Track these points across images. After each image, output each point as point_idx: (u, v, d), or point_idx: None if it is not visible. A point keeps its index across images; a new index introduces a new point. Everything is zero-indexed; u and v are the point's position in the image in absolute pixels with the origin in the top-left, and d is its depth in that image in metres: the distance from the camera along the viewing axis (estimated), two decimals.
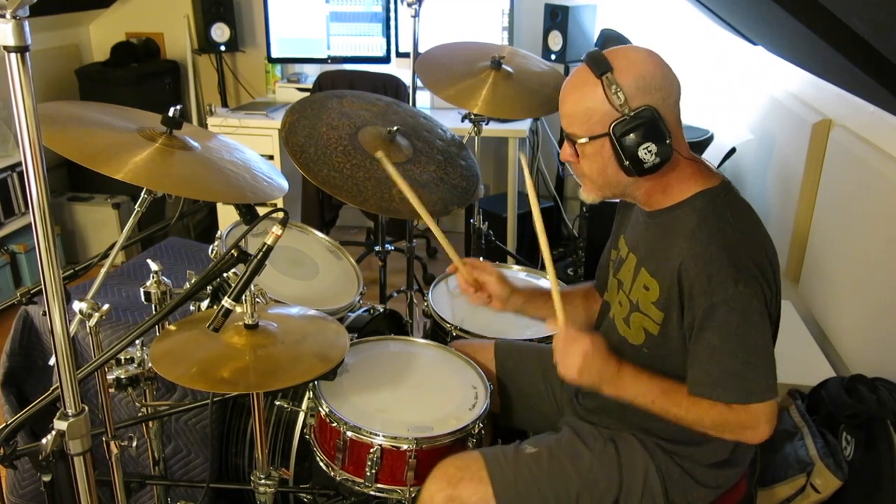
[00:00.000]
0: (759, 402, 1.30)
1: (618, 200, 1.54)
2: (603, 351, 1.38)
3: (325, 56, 3.81)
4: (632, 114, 1.28)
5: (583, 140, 1.34)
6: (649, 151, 1.29)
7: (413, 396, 1.66)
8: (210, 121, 3.62)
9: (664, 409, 1.36)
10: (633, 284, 1.45)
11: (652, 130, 1.28)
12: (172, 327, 1.49)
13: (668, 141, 1.29)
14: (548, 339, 1.93)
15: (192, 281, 1.62)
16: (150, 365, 1.57)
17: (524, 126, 3.53)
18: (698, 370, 1.33)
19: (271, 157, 3.58)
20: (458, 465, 1.46)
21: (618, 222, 1.60)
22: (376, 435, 1.50)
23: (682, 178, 1.38)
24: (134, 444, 1.50)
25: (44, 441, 1.08)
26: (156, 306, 1.60)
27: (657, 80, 1.30)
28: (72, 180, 3.99)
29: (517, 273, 2.30)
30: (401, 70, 3.67)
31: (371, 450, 1.50)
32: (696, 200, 1.36)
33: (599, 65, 1.30)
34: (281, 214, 1.27)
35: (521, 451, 1.49)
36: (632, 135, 1.28)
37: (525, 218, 3.69)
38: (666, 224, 1.39)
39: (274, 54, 3.82)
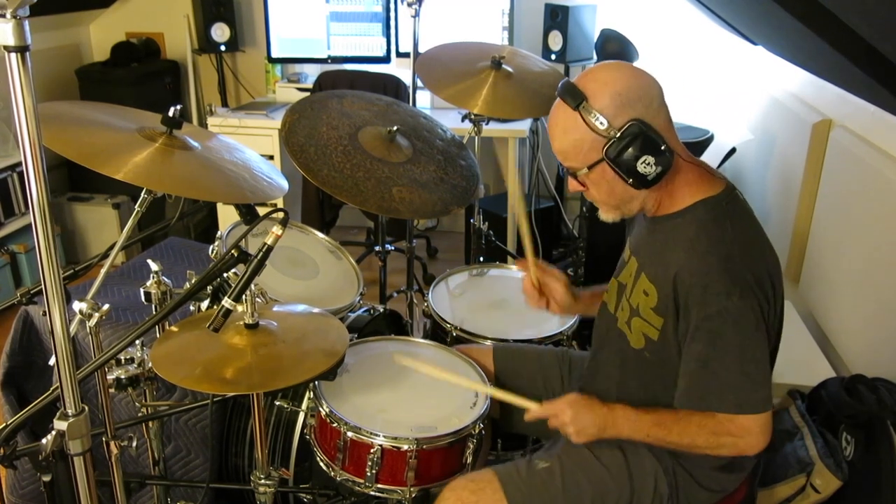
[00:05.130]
0: (751, 413, 1.29)
1: None
2: (583, 403, 1.41)
3: (325, 56, 3.81)
4: (618, 133, 1.28)
5: (582, 171, 1.35)
6: (648, 164, 1.28)
7: (413, 396, 1.66)
8: (210, 121, 3.62)
9: (659, 439, 1.37)
10: (634, 289, 1.44)
11: (644, 143, 1.28)
12: (174, 329, 1.49)
13: (663, 147, 1.29)
14: (547, 340, 1.94)
15: (193, 281, 1.62)
16: (150, 365, 1.57)
17: (524, 126, 3.52)
18: (687, 381, 1.33)
19: (271, 157, 3.58)
20: (473, 487, 1.44)
21: (628, 222, 1.60)
22: (377, 435, 1.50)
23: (687, 182, 1.37)
24: (134, 444, 1.50)
25: (44, 441, 1.08)
26: (156, 306, 1.59)
27: (633, 91, 1.29)
28: (72, 180, 3.98)
29: (518, 274, 2.29)
30: (401, 70, 3.66)
31: (371, 450, 1.50)
32: (697, 209, 1.35)
33: (573, 96, 1.30)
34: (281, 214, 1.27)
35: (534, 465, 1.48)
36: (626, 153, 1.28)
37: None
38: (666, 231, 1.38)
39: (274, 54, 3.81)
